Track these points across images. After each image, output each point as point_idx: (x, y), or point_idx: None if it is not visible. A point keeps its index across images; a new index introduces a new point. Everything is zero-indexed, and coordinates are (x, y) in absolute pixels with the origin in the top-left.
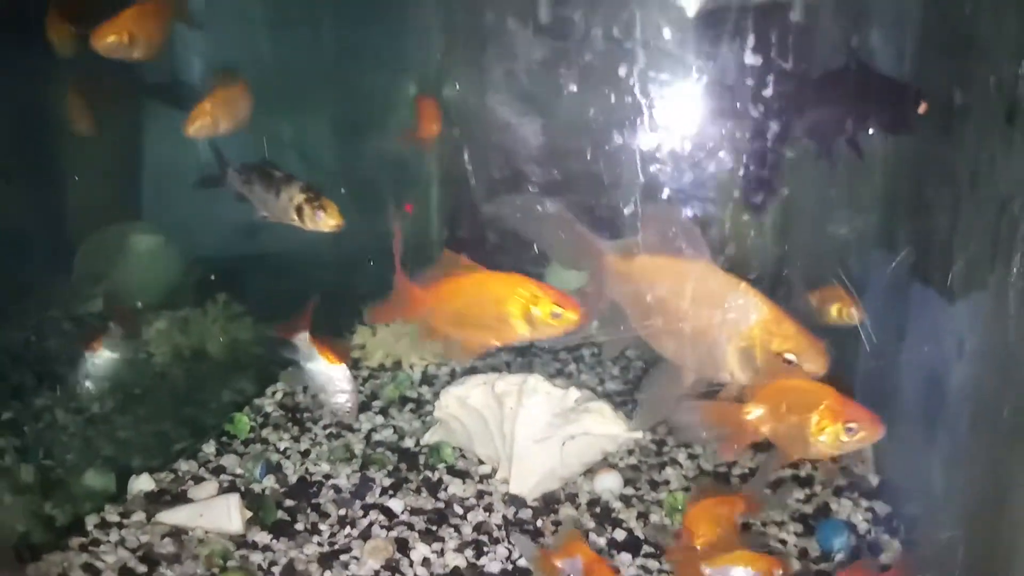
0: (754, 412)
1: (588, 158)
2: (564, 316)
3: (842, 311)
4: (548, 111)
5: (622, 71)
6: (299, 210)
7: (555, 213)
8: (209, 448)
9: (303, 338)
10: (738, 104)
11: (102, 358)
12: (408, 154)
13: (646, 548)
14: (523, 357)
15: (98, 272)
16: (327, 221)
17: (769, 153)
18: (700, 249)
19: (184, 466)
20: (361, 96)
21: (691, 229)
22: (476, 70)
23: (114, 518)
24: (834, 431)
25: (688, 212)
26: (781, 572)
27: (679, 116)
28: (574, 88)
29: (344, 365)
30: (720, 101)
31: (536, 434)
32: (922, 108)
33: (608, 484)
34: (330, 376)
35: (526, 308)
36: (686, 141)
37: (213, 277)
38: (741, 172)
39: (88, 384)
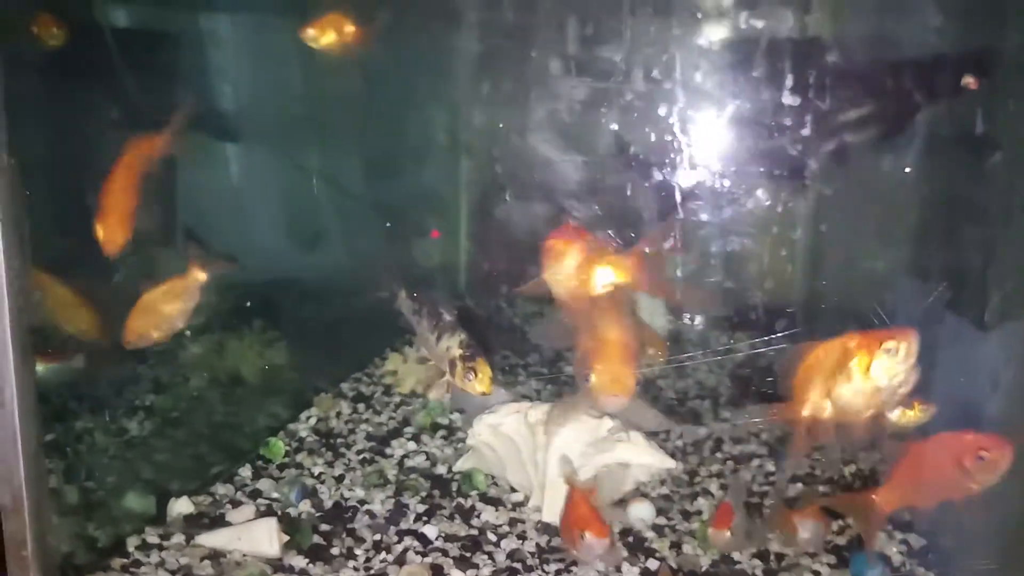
0: None
1: (622, 191)
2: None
3: None
4: (577, 143)
5: (653, 105)
6: (452, 363)
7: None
8: (245, 472)
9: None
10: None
11: None
12: (436, 184)
13: None
14: (554, 385)
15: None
16: (475, 386)
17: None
18: None
19: (221, 489)
20: (393, 126)
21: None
22: (506, 104)
23: (154, 540)
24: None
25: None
26: None
27: (708, 155)
28: (602, 120)
29: None
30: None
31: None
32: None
33: (641, 514)
34: None
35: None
36: (721, 179)
37: (248, 304)
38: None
39: None
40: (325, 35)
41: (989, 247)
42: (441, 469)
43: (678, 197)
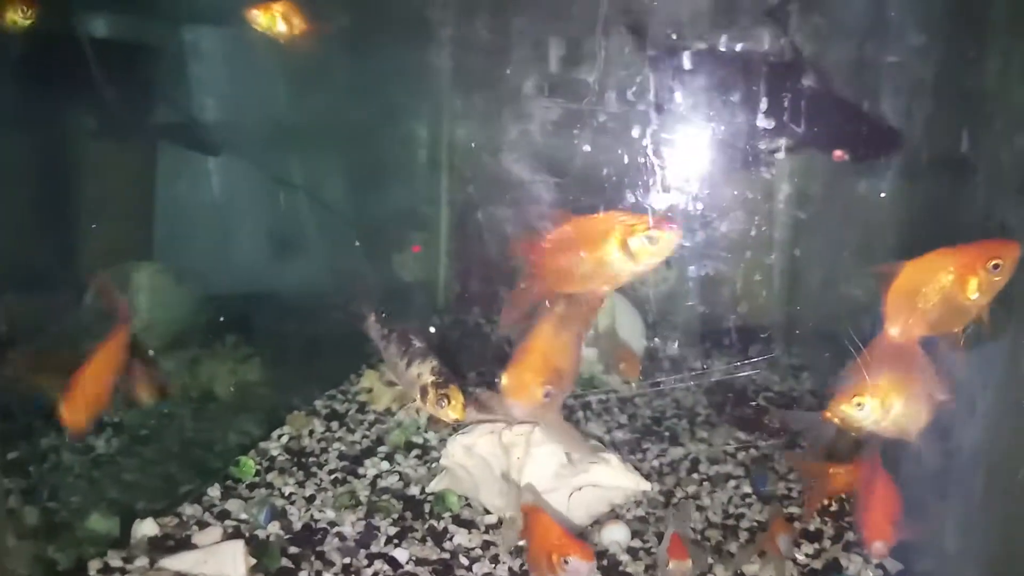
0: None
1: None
2: (662, 239)
3: None
4: (555, 160)
5: (627, 126)
6: (424, 390)
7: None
8: (214, 492)
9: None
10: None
11: None
12: (416, 200)
13: None
14: None
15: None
16: (447, 413)
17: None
18: None
19: (189, 510)
20: (372, 142)
21: None
22: (484, 120)
23: (117, 563)
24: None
25: None
26: None
27: (688, 173)
28: (578, 137)
29: None
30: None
31: (544, 484)
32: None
33: (615, 536)
34: None
35: (623, 242)
36: (696, 201)
37: (222, 319)
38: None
39: None
40: (269, 20)
41: None
42: (414, 490)
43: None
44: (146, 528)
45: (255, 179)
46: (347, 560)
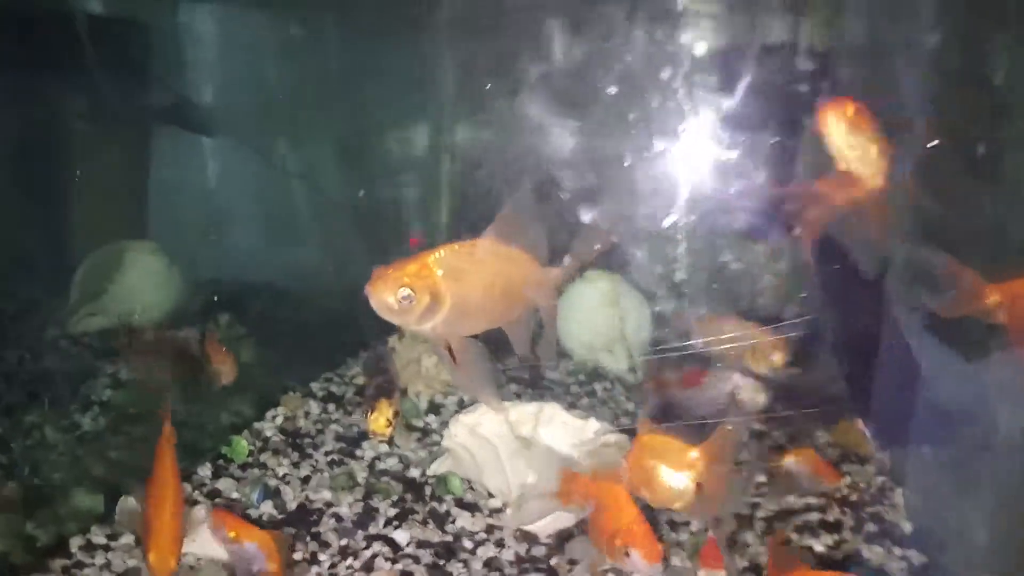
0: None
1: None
2: None
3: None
4: (556, 147)
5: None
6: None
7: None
8: (204, 471)
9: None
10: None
11: None
12: (418, 188)
13: None
14: (534, 389)
15: (97, 290)
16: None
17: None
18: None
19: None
20: (372, 128)
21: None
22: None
23: (101, 540)
24: None
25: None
26: None
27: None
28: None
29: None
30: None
31: (552, 467)
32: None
33: None
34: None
35: None
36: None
37: (216, 298)
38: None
39: None
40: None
41: None
42: (414, 472)
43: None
44: (132, 504)
45: (250, 160)
46: (344, 541)
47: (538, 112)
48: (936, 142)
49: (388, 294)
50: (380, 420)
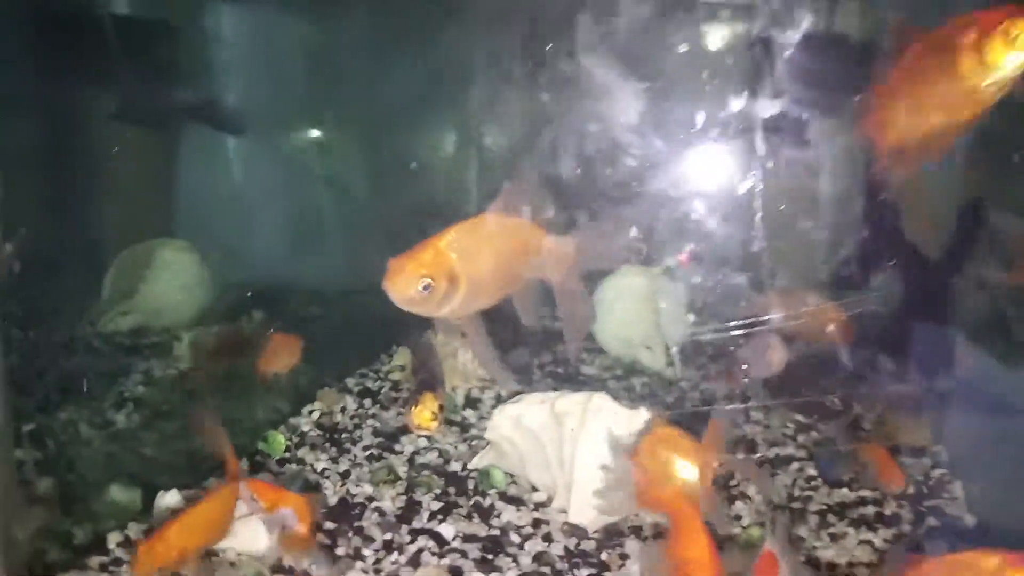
0: None
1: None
2: None
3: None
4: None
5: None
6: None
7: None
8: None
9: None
10: None
11: None
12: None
13: None
14: (570, 384)
15: (129, 289)
16: (412, 420)
17: None
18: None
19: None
20: (401, 129)
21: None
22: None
23: (139, 536)
24: None
25: None
26: None
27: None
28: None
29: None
30: None
31: (600, 459)
32: None
33: None
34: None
35: None
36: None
37: (250, 294)
38: None
39: None
40: None
41: None
42: (455, 466)
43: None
44: (169, 500)
45: (280, 159)
46: (388, 536)
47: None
48: None
49: (408, 287)
50: (425, 413)
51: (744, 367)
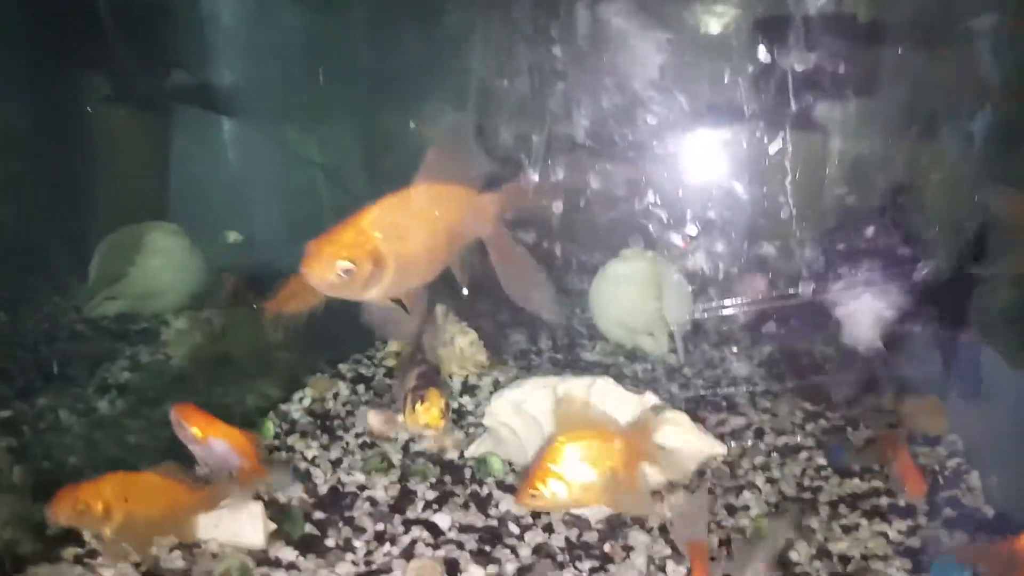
0: None
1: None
2: None
3: None
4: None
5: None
6: (405, 398)
7: None
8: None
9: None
10: None
11: None
12: None
13: None
14: (571, 371)
15: (116, 273)
16: (418, 419)
17: None
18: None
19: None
20: (392, 115)
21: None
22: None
23: None
24: None
25: None
26: None
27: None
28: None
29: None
30: None
31: None
32: None
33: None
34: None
35: None
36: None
37: (241, 279)
38: None
39: None
40: None
41: None
42: (452, 454)
43: None
44: None
45: (275, 144)
46: (380, 526)
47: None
48: None
49: (326, 271)
50: (433, 411)
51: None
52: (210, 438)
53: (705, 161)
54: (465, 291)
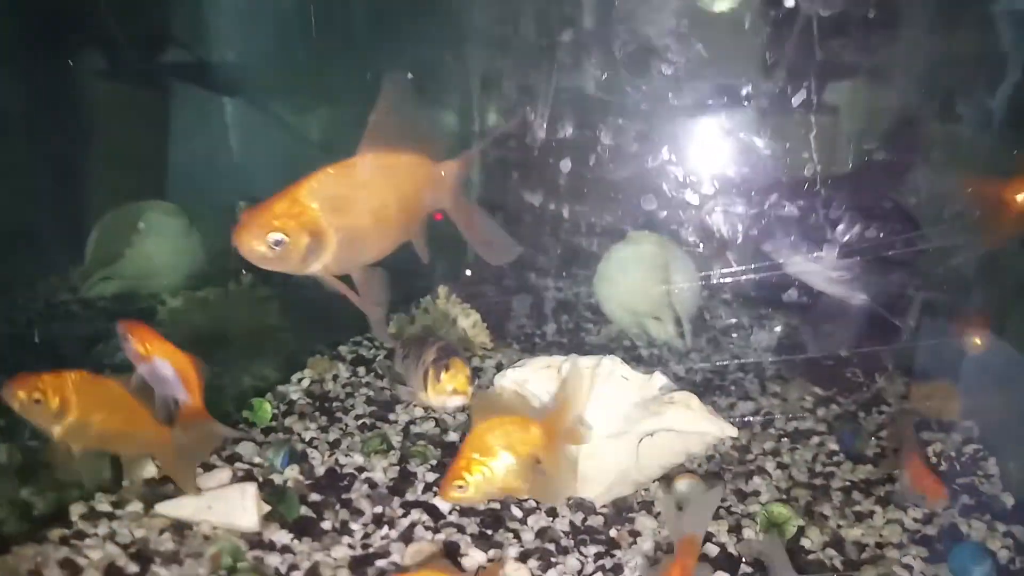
0: None
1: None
2: None
3: None
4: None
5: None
6: (425, 373)
7: None
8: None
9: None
10: None
11: None
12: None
13: (744, 568)
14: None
15: (113, 253)
16: (444, 388)
17: None
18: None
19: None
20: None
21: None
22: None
23: (105, 508)
24: None
25: None
26: None
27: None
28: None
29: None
30: None
31: (610, 428)
32: None
33: (689, 493)
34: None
35: None
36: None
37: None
38: None
39: None
40: None
41: None
42: (453, 436)
43: None
44: (141, 469)
45: (273, 123)
46: (379, 509)
47: None
48: None
49: (256, 242)
50: (459, 377)
51: None
52: (155, 357)
53: (722, 114)
54: (468, 272)
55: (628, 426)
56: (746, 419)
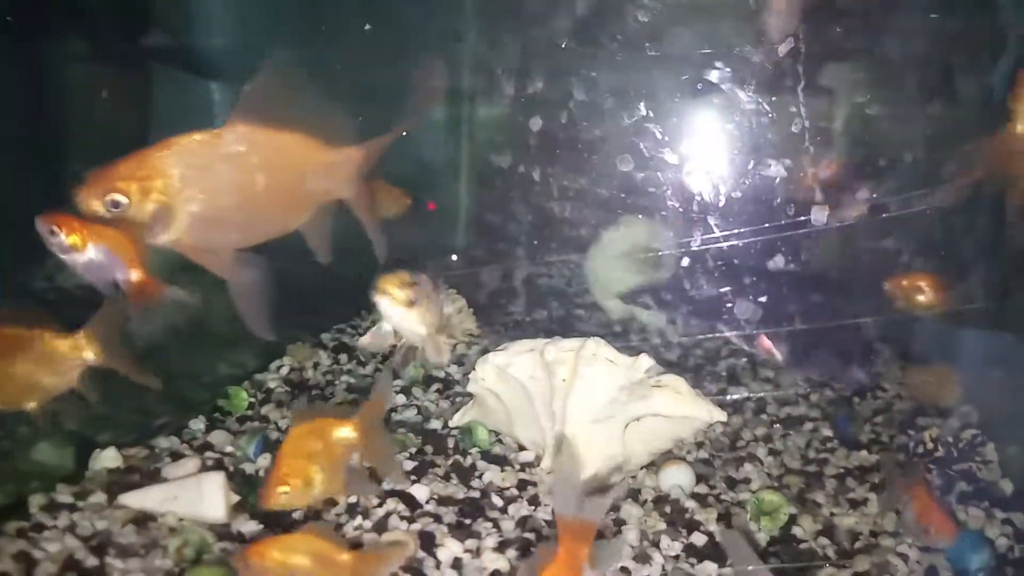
0: None
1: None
2: None
3: None
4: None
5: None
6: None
7: None
8: (197, 424)
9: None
10: None
11: None
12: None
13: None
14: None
15: None
16: (382, 301)
17: None
18: None
19: (164, 443)
20: (385, 86)
21: None
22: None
23: (66, 499)
24: None
25: None
26: None
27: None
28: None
29: None
30: None
31: (595, 412)
32: None
33: (678, 479)
34: None
35: None
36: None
37: None
38: None
39: None
40: None
41: None
42: (435, 424)
43: None
44: (106, 460)
45: None
46: (353, 498)
47: None
48: None
49: (92, 199)
50: (393, 280)
51: None
52: (89, 244)
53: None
54: (454, 257)
55: (614, 410)
56: (737, 398)
